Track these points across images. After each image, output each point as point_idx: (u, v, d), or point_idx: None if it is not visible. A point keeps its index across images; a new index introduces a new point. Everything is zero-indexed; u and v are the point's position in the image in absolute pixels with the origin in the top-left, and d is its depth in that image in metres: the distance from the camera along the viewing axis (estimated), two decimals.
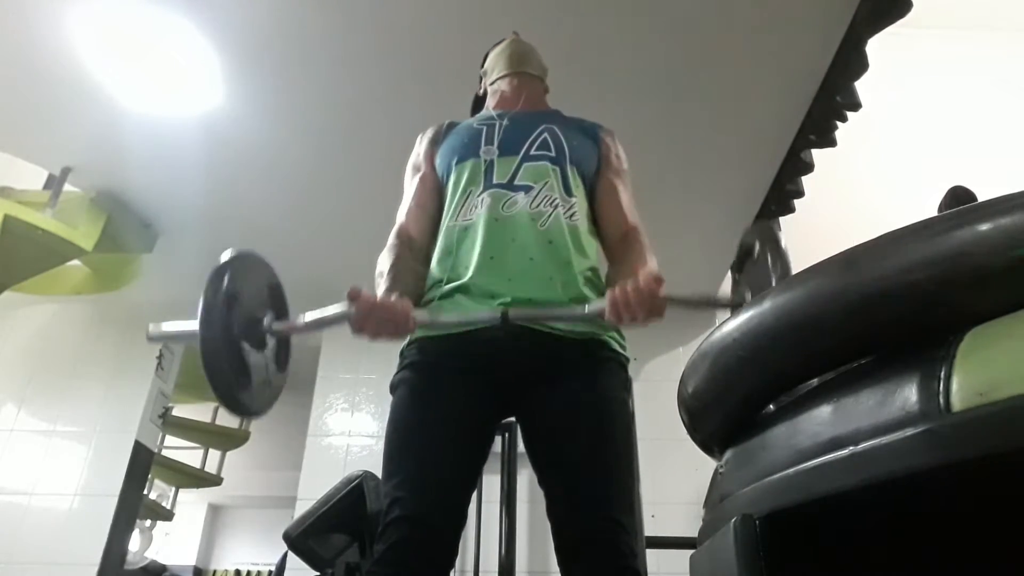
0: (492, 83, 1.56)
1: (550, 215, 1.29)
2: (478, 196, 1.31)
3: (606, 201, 1.39)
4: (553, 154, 1.36)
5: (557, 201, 1.31)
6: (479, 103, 1.63)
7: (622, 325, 1.14)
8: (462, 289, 1.23)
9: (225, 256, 1.12)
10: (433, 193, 1.41)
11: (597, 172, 1.41)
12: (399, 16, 2.27)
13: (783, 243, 1.05)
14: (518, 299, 1.20)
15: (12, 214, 2.64)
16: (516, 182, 1.32)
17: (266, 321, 1.14)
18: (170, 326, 1.08)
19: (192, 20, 2.25)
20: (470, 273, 1.24)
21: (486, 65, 1.61)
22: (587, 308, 1.16)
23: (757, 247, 1.16)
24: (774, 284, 1.08)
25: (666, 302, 1.09)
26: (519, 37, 1.60)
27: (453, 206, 1.34)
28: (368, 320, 1.11)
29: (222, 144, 2.72)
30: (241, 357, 1.06)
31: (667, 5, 2.23)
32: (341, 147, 2.68)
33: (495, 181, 1.32)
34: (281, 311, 1.18)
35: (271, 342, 1.15)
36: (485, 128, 1.41)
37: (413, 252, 1.33)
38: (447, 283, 1.26)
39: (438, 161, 1.43)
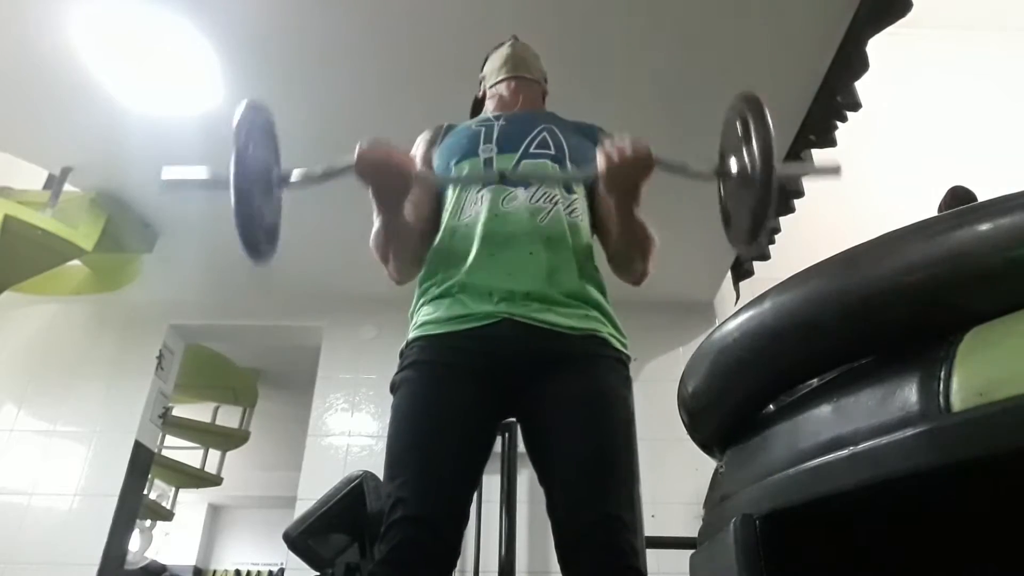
0: (491, 86, 1.56)
1: (550, 211, 1.29)
2: (477, 193, 1.31)
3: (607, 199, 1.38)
4: (553, 152, 1.36)
5: (557, 197, 1.31)
6: (478, 106, 1.63)
7: (613, 174, 1.17)
8: (460, 286, 1.23)
9: (242, 108, 1.19)
10: (428, 194, 1.39)
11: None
12: (399, 16, 2.27)
13: (770, 123, 1.01)
14: (516, 293, 1.20)
15: (12, 214, 2.64)
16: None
17: (274, 172, 1.19)
18: (184, 172, 1.20)
19: (192, 20, 2.25)
20: (469, 270, 1.24)
21: (485, 69, 1.61)
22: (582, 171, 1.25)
23: (745, 119, 1.08)
24: (752, 158, 1.04)
25: (654, 161, 1.16)
26: (519, 41, 1.59)
27: (452, 204, 1.34)
28: (370, 154, 1.17)
29: (222, 144, 2.71)
30: (261, 203, 1.17)
31: (667, 5, 2.23)
32: (340, 147, 2.67)
33: None
34: (279, 162, 1.24)
35: (276, 193, 1.21)
36: (484, 129, 1.42)
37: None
38: (445, 281, 1.26)
39: (436, 162, 1.43)
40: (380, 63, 2.42)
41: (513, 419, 1.25)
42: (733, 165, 1.13)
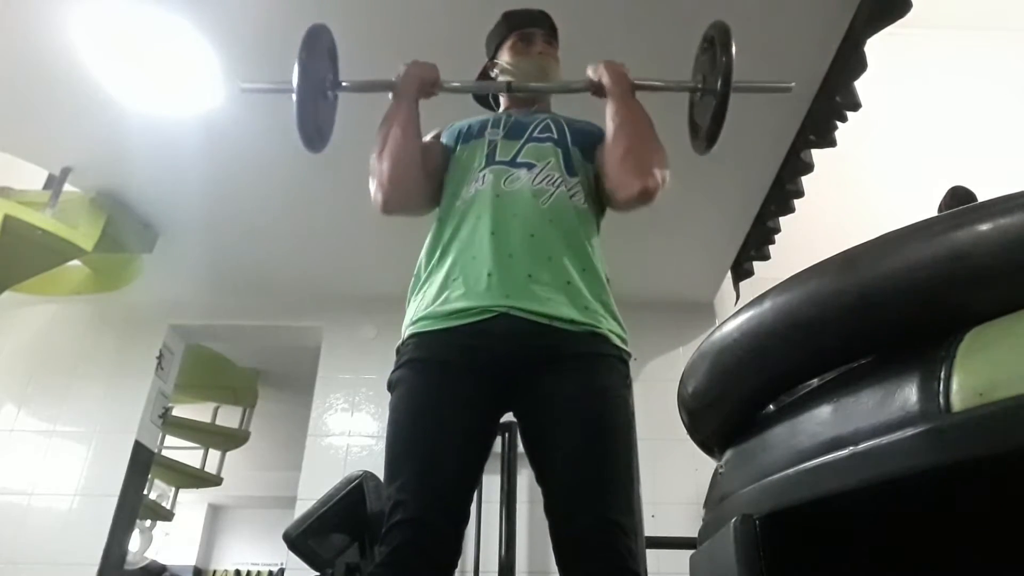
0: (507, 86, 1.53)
1: (552, 194, 1.29)
2: (479, 172, 1.33)
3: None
4: (555, 136, 1.39)
5: (559, 180, 1.31)
6: (486, 75, 1.61)
7: (602, 71, 1.40)
8: (458, 271, 1.23)
9: (309, 27, 1.37)
10: (436, 150, 1.43)
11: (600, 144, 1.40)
12: (399, 16, 2.27)
13: (733, 49, 1.32)
14: (517, 275, 1.20)
15: (12, 214, 2.63)
16: (519, 160, 1.34)
17: (329, 79, 1.43)
18: (262, 84, 1.53)
19: (192, 20, 2.25)
20: (467, 251, 1.24)
21: (505, 61, 1.53)
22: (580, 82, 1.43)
23: (713, 43, 1.37)
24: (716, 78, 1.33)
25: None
26: (546, 48, 1.53)
27: (454, 182, 1.36)
28: (411, 66, 1.43)
29: (222, 144, 2.72)
30: (320, 105, 1.40)
31: (666, 4, 2.23)
32: (341, 147, 2.68)
33: (497, 159, 1.34)
34: (335, 71, 1.46)
35: (331, 96, 1.45)
36: (492, 118, 1.46)
37: None
38: (442, 265, 1.26)
39: (444, 141, 1.47)
40: (381, 63, 2.41)
41: (513, 419, 1.25)
42: (700, 81, 1.44)
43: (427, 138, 1.45)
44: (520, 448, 1.27)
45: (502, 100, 1.58)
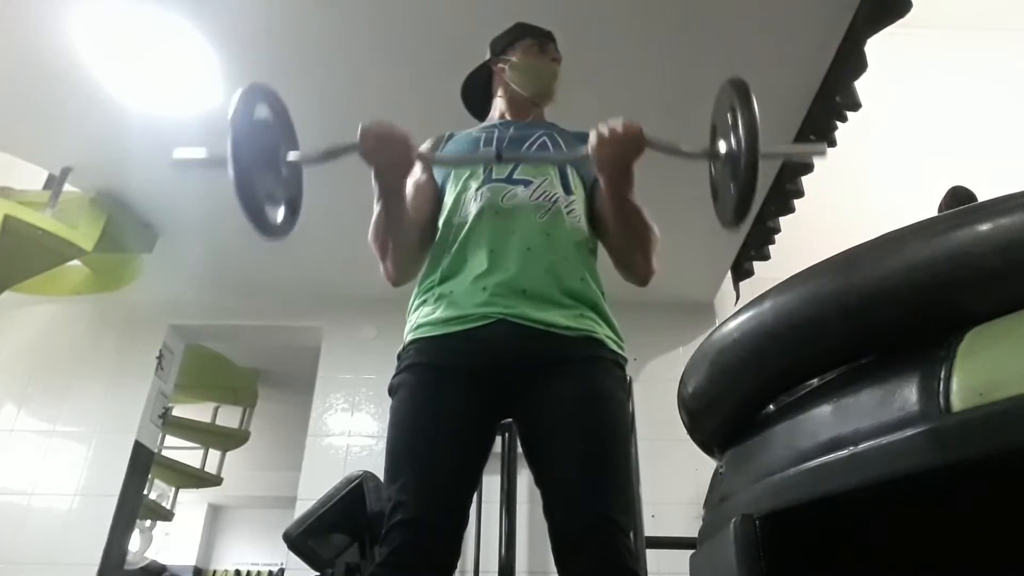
0: (507, 84, 1.52)
1: (549, 209, 1.29)
2: (476, 190, 1.32)
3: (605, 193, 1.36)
4: (551, 155, 1.38)
5: (557, 196, 1.31)
6: (482, 73, 1.60)
7: (604, 150, 1.20)
8: (455, 285, 1.24)
9: (244, 88, 1.17)
10: (427, 196, 1.39)
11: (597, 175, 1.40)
12: (399, 17, 2.27)
13: (756, 109, 1.06)
14: (513, 288, 1.20)
15: (12, 214, 2.64)
16: (515, 176, 1.33)
17: (281, 152, 1.21)
18: (195, 152, 1.23)
19: (192, 20, 2.25)
20: (466, 266, 1.25)
21: (518, 58, 1.52)
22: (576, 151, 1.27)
23: (733, 104, 1.11)
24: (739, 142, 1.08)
25: (645, 140, 1.18)
26: (555, 61, 1.53)
27: (451, 202, 1.35)
28: (374, 128, 1.18)
29: (222, 144, 2.72)
30: (265, 181, 1.18)
31: (667, 5, 2.23)
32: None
33: (495, 176, 1.33)
34: (292, 142, 1.25)
35: (285, 171, 1.23)
36: (484, 134, 1.43)
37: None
38: (442, 280, 1.26)
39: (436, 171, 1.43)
40: (381, 64, 2.42)
41: (512, 420, 1.25)
42: (722, 147, 1.17)
43: (418, 173, 1.40)
44: (520, 448, 1.27)
45: (496, 107, 1.55)
